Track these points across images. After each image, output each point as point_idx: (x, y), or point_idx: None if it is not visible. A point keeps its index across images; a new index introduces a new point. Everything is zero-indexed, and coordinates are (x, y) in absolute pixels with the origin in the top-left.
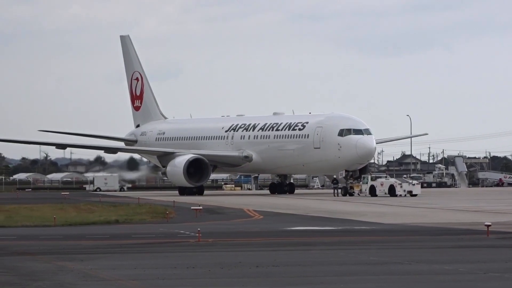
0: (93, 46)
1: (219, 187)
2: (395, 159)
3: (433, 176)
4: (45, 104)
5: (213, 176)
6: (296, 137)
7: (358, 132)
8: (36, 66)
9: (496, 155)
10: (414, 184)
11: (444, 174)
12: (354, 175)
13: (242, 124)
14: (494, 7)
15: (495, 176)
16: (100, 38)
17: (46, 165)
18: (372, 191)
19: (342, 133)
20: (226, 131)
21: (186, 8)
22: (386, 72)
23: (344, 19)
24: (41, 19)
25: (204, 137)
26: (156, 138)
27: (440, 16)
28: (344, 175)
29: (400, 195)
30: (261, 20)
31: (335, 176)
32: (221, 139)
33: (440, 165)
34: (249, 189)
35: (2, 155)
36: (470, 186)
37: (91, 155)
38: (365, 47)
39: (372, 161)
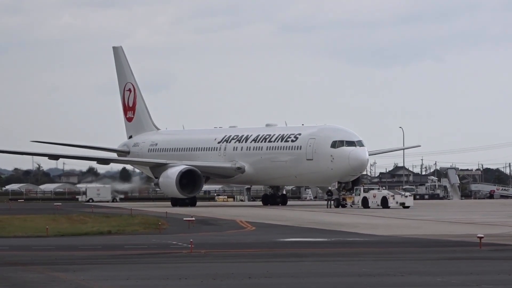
0: (85, 56)
1: (212, 199)
2: (387, 170)
3: (426, 188)
4: (38, 115)
5: (205, 187)
6: (289, 149)
7: (351, 143)
8: (28, 76)
9: (488, 167)
10: (406, 196)
11: (437, 186)
12: (346, 187)
13: (235, 136)
14: (486, 19)
15: (488, 188)
16: (92, 48)
17: (39, 176)
18: (365, 203)
19: (335, 144)
20: (218, 143)
21: (178, 19)
22: (378, 83)
23: (336, 30)
24: (33, 30)
25: (196, 148)
26: (149, 149)
27: (432, 27)
28: (336, 187)
29: (392, 206)
30: (252, 31)
31: (330, 188)
32: (214, 150)
33: (432, 177)
34: (241, 200)
35: None
36: (463, 198)
37: (83, 166)
38: (357, 59)
39: (364, 172)
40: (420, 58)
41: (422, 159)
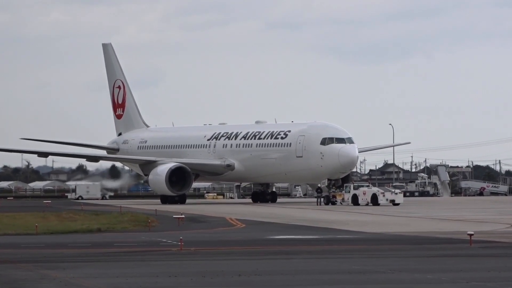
0: (74, 53)
1: (201, 196)
2: (377, 168)
3: (416, 185)
4: (27, 112)
5: (195, 184)
6: (279, 146)
7: (341, 140)
8: (17, 74)
9: (478, 164)
10: (396, 193)
11: (427, 183)
12: (336, 184)
13: (225, 133)
14: (475, 15)
15: (478, 185)
16: (81, 45)
17: (28, 173)
18: (355, 200)
19: (325, 141)
20: (208, 140)
21: (166, 16)
22: (368, 80)
23: (325, 27)
24: (21, 27)
25: (186, 145)
26: (138, 146)
27: (421, 24)
28: (326, 184)
29: (382, 204)
30: (241, 28)
31: (319, 185)
32: (204, 147)
33: (422, 174)
34: (231, 197)
35: None
36: (453, 195)
37: (73, 163)
38: (346, 56)
39: (354, 170)
40: (409, 55)
41: (412, 156)
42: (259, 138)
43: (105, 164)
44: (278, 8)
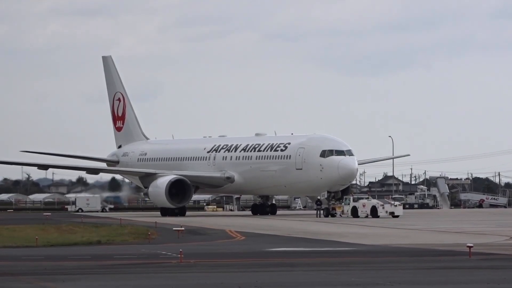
0: (73, 65)
1: (201, 208)
2: (377, 180)
3: (415, 197)
4: (27, 125)
5: (195, 197)
6: (278, 158)
7: (340, 153)
8: (17, 86)
9: (478, 176)
10: (396, 205)
11: (426, 195)
12: (336, 196)
13: (224, 145)
14: (474, 26)
15: (477, 197)
16: (79, 57)
17: (28, 186)
18: (354, 212)
19: (324, 154)
20: (208, 152)
21: (165, 28)
22: (367, 92)
23: (325, 39)
24: (20, 39)
25: (186, 158)
26: (138, 158)
27: (420, 35)
28: (326, 196)
29: (382, 216)
30: (240, 40)
31: (319, 197)
32: (203, 160)
33: (422, 186)
34: (231, 210)
35: None
36: (452, 207)
37: (73, 175)
38: (346, 67)
39: (354, 182)
40: (408, 66)
41: (411, 168)
42: (259, 151)
43: (105, 177)
44: (276, 19)
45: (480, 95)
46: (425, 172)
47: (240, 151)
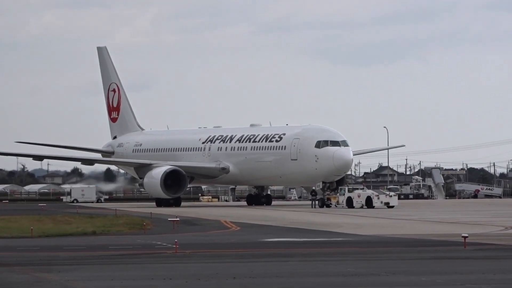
0: (68, 57)
1: (196, 199)
2: (372, 170)
3: (410, 188)
4: (22, 116)
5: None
6: (273, 149)
7: (335, 143)
8: (12, 77)
9: (473, 166)
10: (391, 196)
11: (421, 186)
12: (331, 187)
13: (219, 136)
14: (468, 18)
15: (472, 187)
16: (74, 49)
17: (23, 177)
18: (349, 203)
19: (319, 144)
20: (203, 143)
21: (160, 19)
22: (362, 83)
23: (319, 30)
24: (14, 31)
25: (181, 148)
26: (133, 149)
27: (414, 27)
28: (321, 187)
29: (377, 206)
30: (234, 31)
31: (314, 188)
32: (198, 150)
33: (417, 176)
34: (226, 200)
35: None
36: (447, 197)
37: (68, 166)
38: (340, 58)
39: (349, 172)
40: (403, 58)
41: (406, 159)
42: (254, 141)
43: (100, 167)
44: (271, 11)
45: (475, 87)
46: (420, 163)
47: (235, 142)
